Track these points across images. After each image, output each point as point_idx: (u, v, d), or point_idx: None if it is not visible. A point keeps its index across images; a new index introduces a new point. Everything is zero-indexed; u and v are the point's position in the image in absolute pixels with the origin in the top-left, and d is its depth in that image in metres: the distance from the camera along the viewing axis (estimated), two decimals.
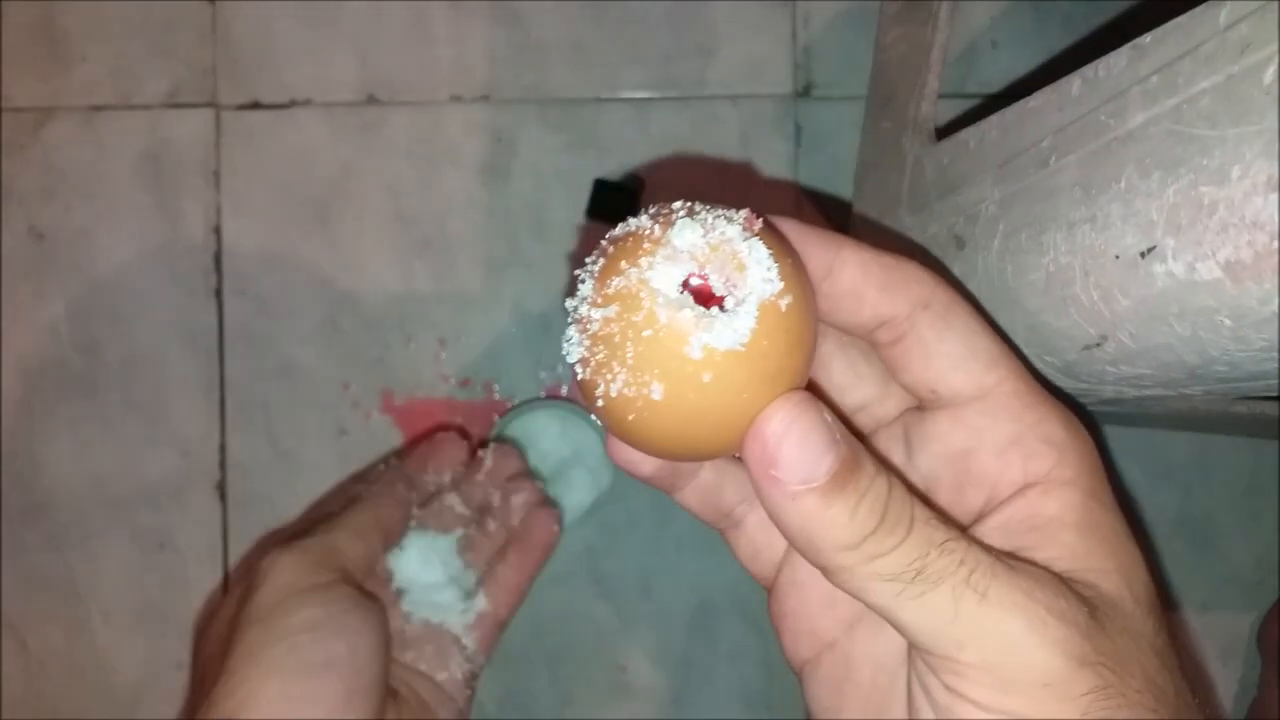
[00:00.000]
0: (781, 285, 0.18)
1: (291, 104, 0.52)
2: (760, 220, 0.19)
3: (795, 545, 0.20)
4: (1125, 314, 0.24)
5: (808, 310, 0.19)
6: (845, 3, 0.53)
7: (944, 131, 0.35)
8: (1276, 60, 0.19)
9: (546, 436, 0.49)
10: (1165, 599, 0.52)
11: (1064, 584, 0.20)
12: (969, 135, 0.32)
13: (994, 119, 0.30)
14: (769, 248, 0.19)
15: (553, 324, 0.52)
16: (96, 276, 0.52)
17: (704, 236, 0.18)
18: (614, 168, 0.52)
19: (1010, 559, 0.20)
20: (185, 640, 0.52)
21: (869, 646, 0.24)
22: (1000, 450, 0.22)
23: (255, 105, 0.52)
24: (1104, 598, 0.21)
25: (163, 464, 0.52)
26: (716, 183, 0.53)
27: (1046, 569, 0.21)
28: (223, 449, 0.52)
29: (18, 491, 0.52)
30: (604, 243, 0.19)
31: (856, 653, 0.24)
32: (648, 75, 0.53)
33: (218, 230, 0.52)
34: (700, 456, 0.23)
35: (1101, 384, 0.28)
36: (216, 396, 0.52)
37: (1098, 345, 0.26)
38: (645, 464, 0.23)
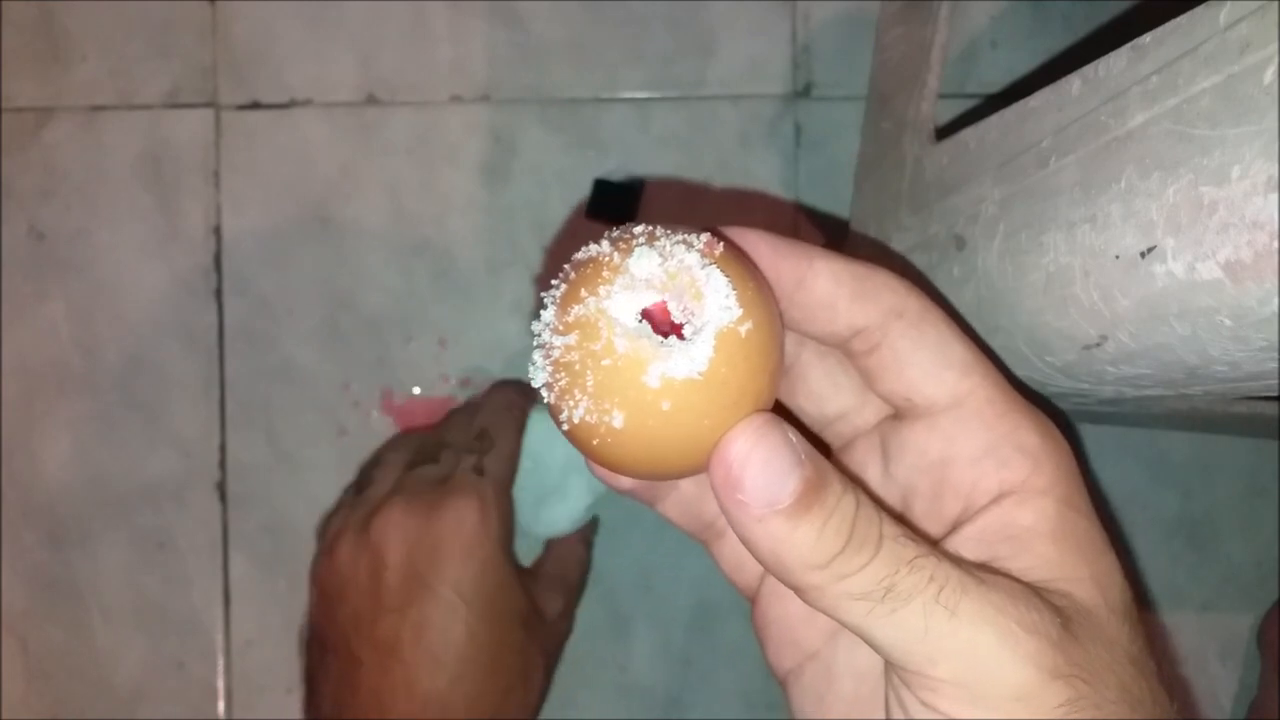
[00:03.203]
0: (740, 312, 0.18)
1: (291, 104, 0.52)
2: (721, 245, 0.19)
3: (765, 566, 0.20)
4: (1125, 314, 0.24)
5: (770, 334, 0.19)
6: (845, 3, 0.53)
7: (944, 131, 0.35)
8: (1276, 60, 0.19)
9: (536, 438, 0.48)
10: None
11: (1036, 595, 0.20)
12: (969, 135, 0.32)
13: (994, 119, 0.30)
14: (729, 274, 0.19)
15: None
16: (96, 276, 0.52)
17: (662, 265, 0.18)
18: (614, 168, 0.52)
19: (983, 571, 0.20)
20: (185, 640, 0.52)
21: (850, 657, 0.24)
22: (975, 459, 0.22)
23: (255, 105, 0.52)
24: (1078, 607, 0.21)
25: (163, 464, 0.52)
26: (716, 184, 0.53)
27: (1020, 579, 0.21)
28: (223, 449, 0.52)
29: (18, 491, 0.52)
30: (567, 267, 0.20)
31: (838, 663, 0.24)
32: (648, 75, 0.53)
33: (218, 230, 0.52)
34: (669, 477, 0.23)
35: (1101, 384, 0.28)
36: (216, 396, 0.52)
37: (1098, 345, 0.26)
38: (623, 480, 0.24)
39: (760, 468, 0.19)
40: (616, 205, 0.51)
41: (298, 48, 0.52)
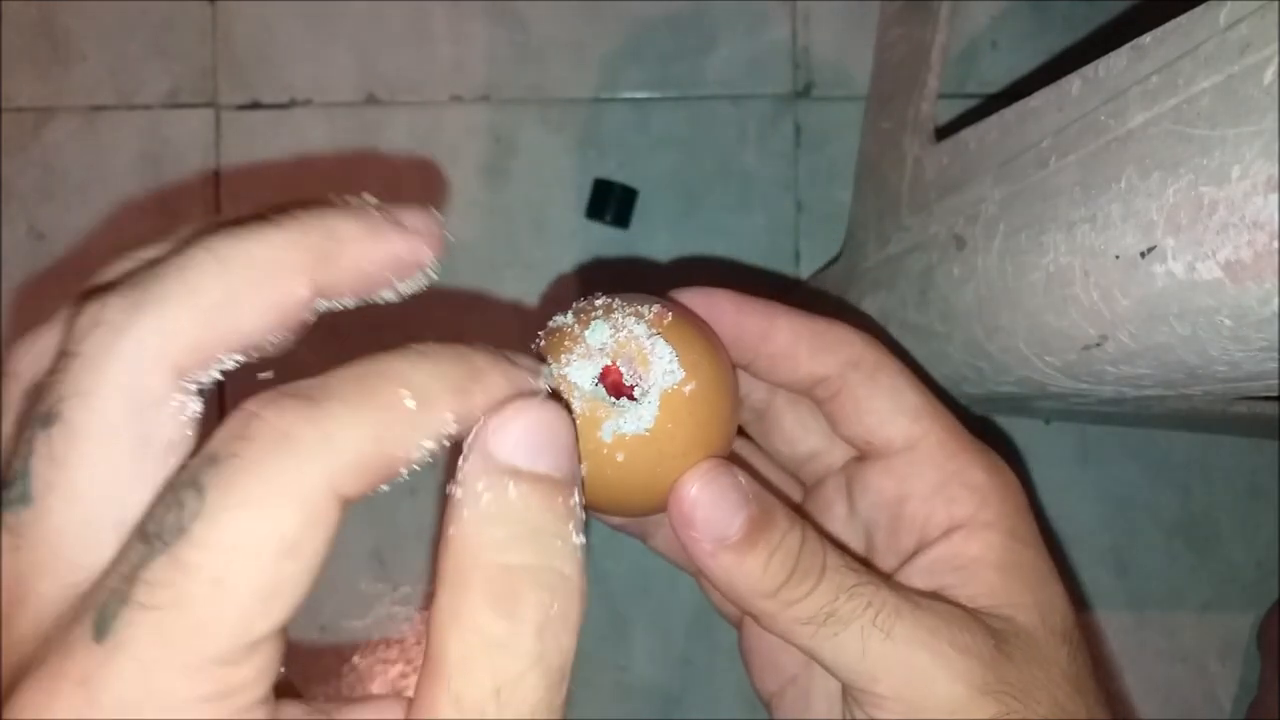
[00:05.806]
0: (683, 374, 0.21)
1: (291, 104, 0.52)
2: (670, 315, 0.21)
3: (723, 594, 0.22)
4: (1125, 314, 0.24)
5: (717, 390, 0.22)
6: (845, 2, 0.53)
7: (944, 131, 0.35)
8: (1276, 60, 0.19)
9: None
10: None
11: (972, 618, 0.22)
12: (969, 135, 0.32)
13: (994, 119, 0.30)
14: (674, 340, 0.21)
15: None
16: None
17: (613, 335, 0.21)
18: (614, 168, 0.52)
19: (927, 597, 0.22)
20: None
21: (824, 681, 0.26)
22: (927, 496, 0.24)
23: (255, 105, 0.52)
24: (1017, 630, 0.23)
25: None
26: (717, 184, 0.53)
27: (965, 605, 0.23)
28: None
29: None
30: (540, 334, 0.22)
31: (814, 687, 0.26)
32: (648, 75, 0.53)
33: None
34: (637, 515, 0.26)
35: (1101, 384, 0.28)
36: (216, 396, 0.52)
37: (1098, 345, 0.26)
38: (611, 519, 0.26)
39: (709, 508, 0.21)
40: (616, 206, 0.51)
41: (298, 48, 0.52)
